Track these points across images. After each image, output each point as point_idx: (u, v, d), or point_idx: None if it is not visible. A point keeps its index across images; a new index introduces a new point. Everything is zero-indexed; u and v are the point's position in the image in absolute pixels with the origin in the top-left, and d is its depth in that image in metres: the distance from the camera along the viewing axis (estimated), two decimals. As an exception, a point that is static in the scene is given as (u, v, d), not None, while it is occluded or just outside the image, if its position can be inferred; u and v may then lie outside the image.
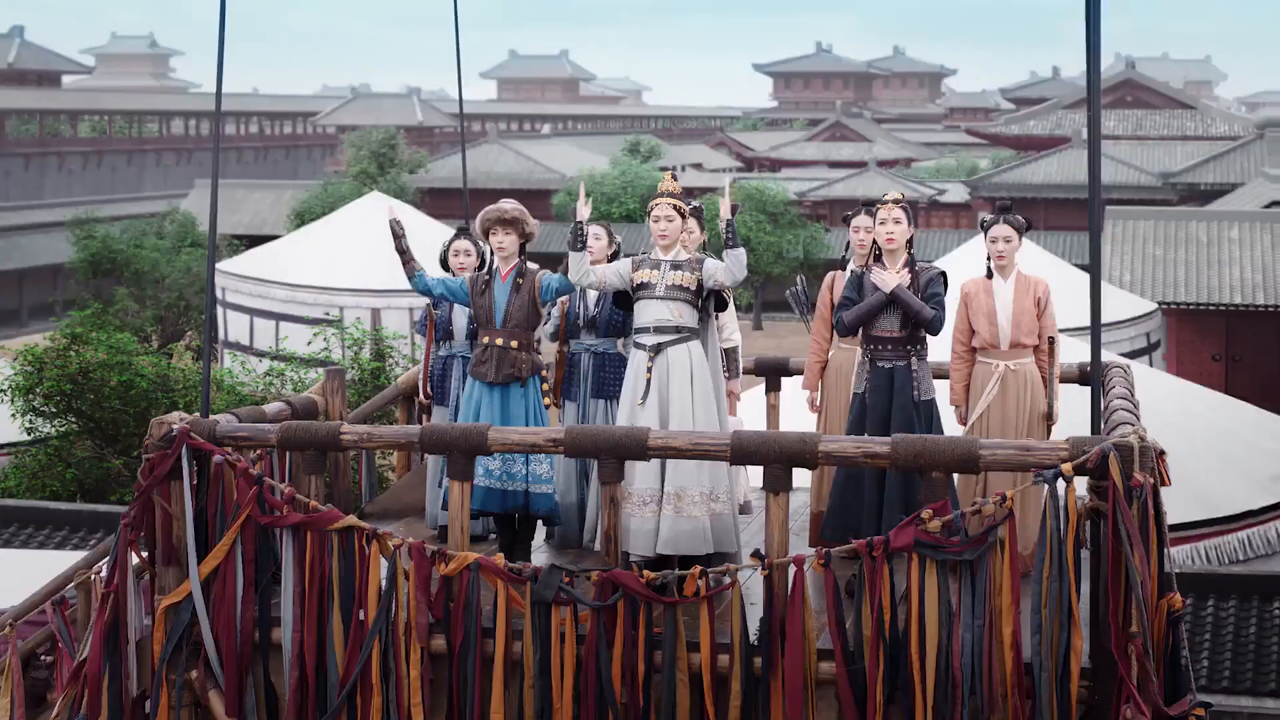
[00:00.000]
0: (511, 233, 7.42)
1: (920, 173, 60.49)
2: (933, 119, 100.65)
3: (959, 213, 50.08)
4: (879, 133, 73.54)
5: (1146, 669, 5.46)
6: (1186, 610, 13.00)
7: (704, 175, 58.32)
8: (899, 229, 7.10)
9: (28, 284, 49.49)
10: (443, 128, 74.93)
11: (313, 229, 38.62)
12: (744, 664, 5.82)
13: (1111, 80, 59.48)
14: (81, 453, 17.78)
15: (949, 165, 63.20)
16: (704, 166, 64.58)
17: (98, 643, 6.35)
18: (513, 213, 7.36)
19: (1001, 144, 61.00)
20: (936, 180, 56.08)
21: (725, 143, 76.23)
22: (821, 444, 5.86)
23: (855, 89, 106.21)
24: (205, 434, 6.42)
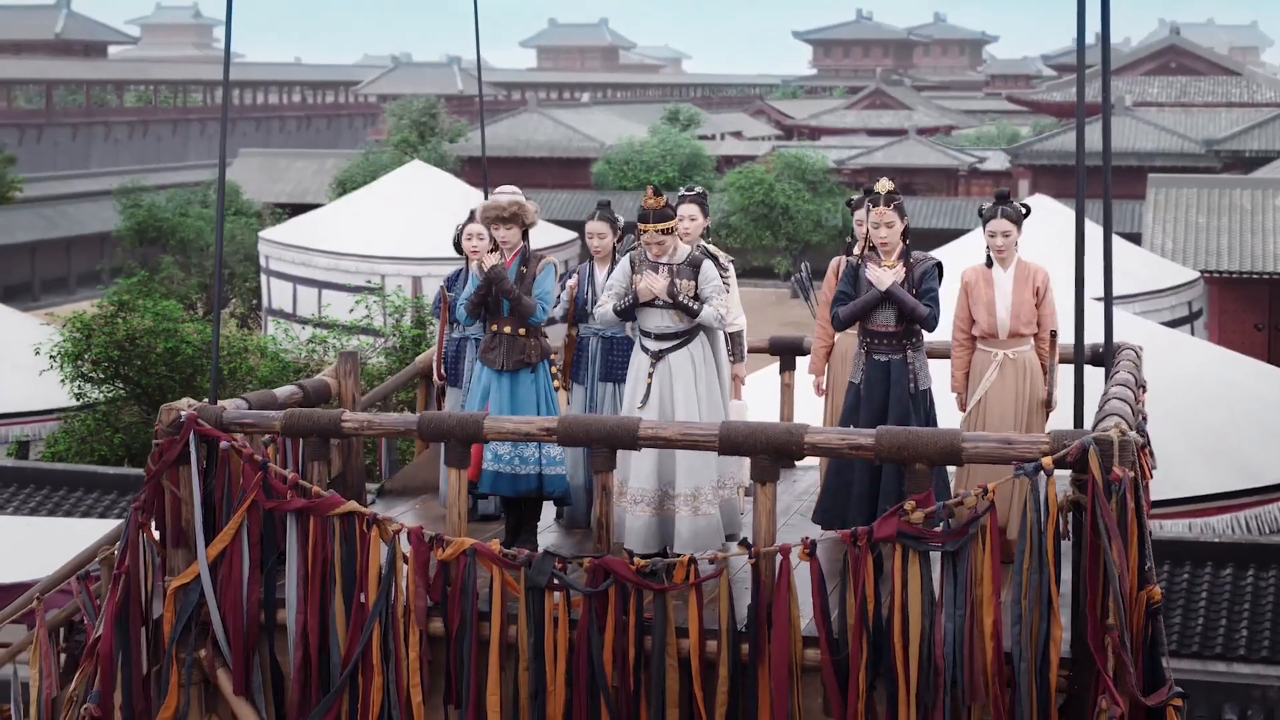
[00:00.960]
0: (512, 226, 7.50)
1: (960, 140, 60.05)
2: (973, 86, 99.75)
3: (999, 181, 49.72)
4: (919, 100, 73.00)
5: (1123, 660, 5.54)
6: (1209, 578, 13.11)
7: (743, 143, 58.22)
8: (891, 231, 7.10)
9: (75, 252, 50.18)
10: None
11: (354, 198, 38.97)
12: (731, 650, 5.96)
13: (1155, 46, 58.76)
14: (129, 418, 18.19)
15: (989, 133, 62.71)
16: (743, 134, 64.43)
17: (109, 622, 6.58)
18: (510, 209, 7.42)
19: (1043, 111, 60.41)
20: (977, 148, 55.69)
21: (764, 110, 75.90)
22: (808, 435, 5.97)
23: (895, 56, 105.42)
24: (212, 420, 6.60)
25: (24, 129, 66.08)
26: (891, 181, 7.29)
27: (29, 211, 49.53)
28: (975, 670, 5.70)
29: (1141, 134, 46.82)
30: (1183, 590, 13.01)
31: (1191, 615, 12.74)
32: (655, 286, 6.91)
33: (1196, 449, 16.59)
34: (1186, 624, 12.67)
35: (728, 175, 46.64)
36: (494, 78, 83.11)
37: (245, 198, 44.08)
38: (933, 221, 45.70)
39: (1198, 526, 16.03)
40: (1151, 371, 17.72)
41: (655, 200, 7.06)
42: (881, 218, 7.11)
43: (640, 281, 6.96)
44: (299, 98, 76.42)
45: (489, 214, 7.51)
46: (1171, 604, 12.89)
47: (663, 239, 7.01)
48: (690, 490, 6.77)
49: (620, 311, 7.09)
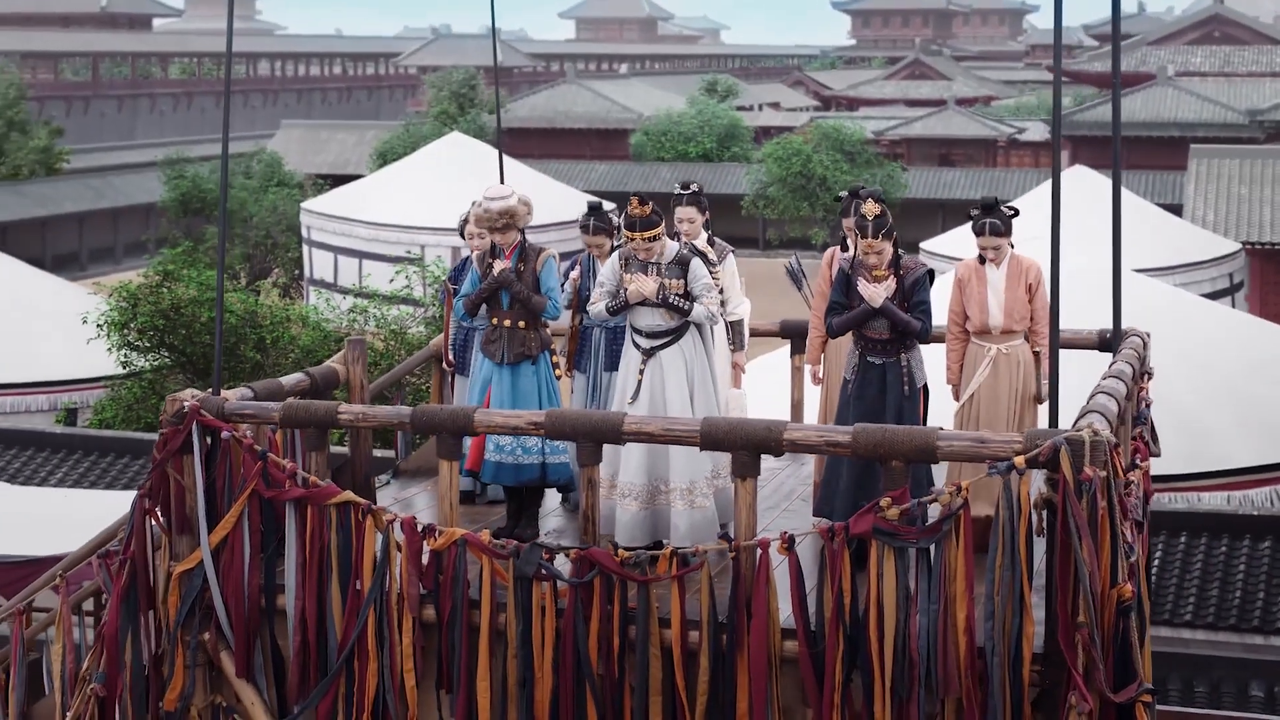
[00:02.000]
0: (510, 229, 7.59)
1: (1000, 111, 59.60)
2: (1013, 56, 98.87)
3: (1039, 151, 49.37)
4: (958, 70, 72.40)
5: (1094, 657, 5.62)
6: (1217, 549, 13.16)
7: (781, 114, 58.04)
8: (881, 257, 7.08)
9: (121, 222, 50.83)
10: (521, 68, 75.23)
11: (395, 169, 39.27)
12: (712, 641, 6.09)
13: (1199, 16, 57.99)
14: (174, 386, 18.47)
15: (1029, 103, 62.18)
16: (781, 105, 64.22)
17: (115, 606, 6.82)
18: (502, 219, 7.48)
19: (1084, 81, 59.78)
20: (1016, 119, 55.25)
21: (803, 81, 75.61)
22: (787, 432, 6.10)
23: (935, 26, 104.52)
24: (214, 411, 6.79)
25: (71, 101, 66.86)
26: (879, 204, 7.10)
27: (76, 182, 50.17)
28: (949, 664, 5.80)
29: (1184, 104, 46.27)
30: (1220, 564, 13.05)
31: (1229, 589, 12.77)
32: (645, 289, 7.01)
33: (1236, 421, 16.54)
34: (1224, 598, 12.71)
35: (765, 146, 46.54)
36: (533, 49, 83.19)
37: (287, 169, 44.45)
38: (971, 192, 45.42)
39: (1237, 499, 16.00)
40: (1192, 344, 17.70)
41: (641, 209, 7.12)
42: (871, 248, 7.03)
43: (630, 283, 7.06)
44: (340, 69, 76.84)
45: (483, 224, 7.60)
46: (1209, 578, 12.94)
47: (650, 245, 7.10)
48: (685, 484, 6.90)
49: (612, 311, 7.21)
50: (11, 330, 23.60)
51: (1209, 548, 13.33)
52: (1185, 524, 13.69)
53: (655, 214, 7.20)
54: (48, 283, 26.87)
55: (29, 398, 22.76)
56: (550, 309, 7.59)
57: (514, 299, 7.55)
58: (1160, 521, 13.62)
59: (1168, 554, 13.36)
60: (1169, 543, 13.46)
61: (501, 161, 10.06)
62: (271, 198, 39.02)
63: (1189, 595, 12.93)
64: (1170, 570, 13.22)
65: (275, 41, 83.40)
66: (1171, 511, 14.05)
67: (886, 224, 7.05)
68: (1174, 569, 13.22)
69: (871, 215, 7.02)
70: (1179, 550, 13.42)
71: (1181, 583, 13.08)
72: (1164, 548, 13.40)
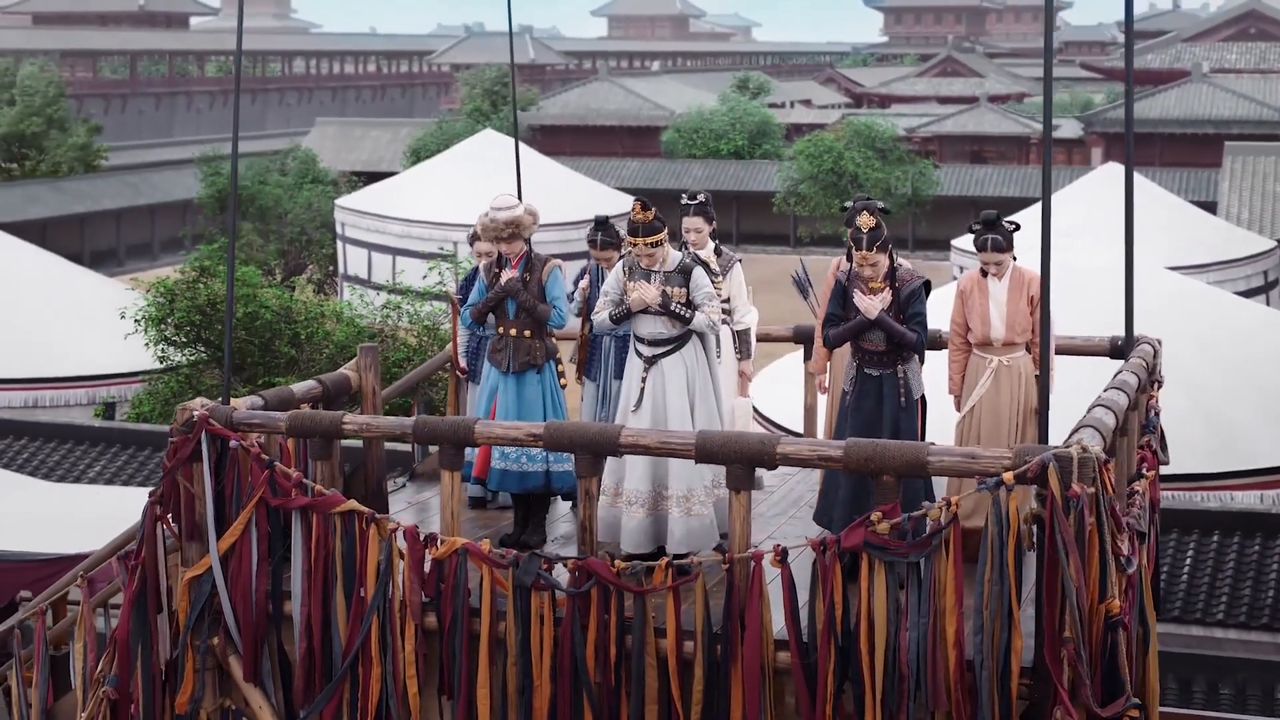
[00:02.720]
0: (516, 239, 7.71)
1: (1033, 108, 59.26)
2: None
3: (1071, 149, 49.09)
4: (991, 67, 72.12)
5: (1080, 673, 5.67)
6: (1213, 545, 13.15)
7: (812, 111, 57.97)
8: (876, 269, 7.12)
9: (159, 219, 51.36)
10: (554, 65, 75.45)
11: (428, 166, 39.58)
12: (706, 651, 6.17)
13: (1234, 12, 57.47)
14: (209, 380, 18.73)
15: (1063, 100, 61.80)
16: (813, 103, 64.14)
17: (126, 610, 6.98)
18: (508, 229, 7.60)
19: (1117, 78, 59.45)
20: (1049, 116, 54.89)
21: (834, 79, 75.47)
22: (779, 446, 6.19)
23: (967, 23, 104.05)
24: (223, 420, 6.94)
25: (109, 99, 67.54)
26: (873, 215, 7.10)
27: (114, 179, 50.73)
28: (938, 677, 5.85)
29: (1218, 101, 45.92)
30: (1252, 563, 13.03)
31: (1262, 588, 12.76)
32: (647, 296, 7.10)
33: (1270, 420, 16.51)
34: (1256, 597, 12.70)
35: (797, 143, 46.50)
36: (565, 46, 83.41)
37: (322, 166, 44.81)
38: (1003, 190, 45.27)
39: (1270, 498, 15.95)
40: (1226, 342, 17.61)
41: (644, 215, 7.20)
42: (866, 260, 7.07)
43: (633, 292, 7.15)
44: (374, 67, 77.34)
45: (489, 234, 7.71)
46: (1241, 577, 12.92)
47: (653, 251, 7.18)
48: (683, 492, 6.98)
49: (615, 319, 7.29)
50: (51, 325, 23.99)
51: (1242, 547, 13.32)
52: (1218, 523, 13.68)
53: (658, 220, 7.28)
54: (87, 278, 27.23)
55: (68, 392, 23.08)
56: (555, 318, 7.71)
57: (520, 308, 7.66)
58: (1192, 520, 13.63)
59: (1199, 553, 13.36)
60: (1200, 542, 13.45)
61: (518, 160, 10.15)
62: (306, 195, 39.36)
63: (1221, 594, 12.91)
64: (1202, 569, 13.22)
65: (310, 40, 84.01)
66: (1204, 510, 14.05)
67: (881, 236, 7.07)
68: (1206, 568, 13.22)
69: (866, 228, 7.03)
70: (1211, 549, 13.41)
71: (1214, 582, 13.07)
72: (1195, 547, 13.40)
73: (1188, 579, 13.04)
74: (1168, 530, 13.48)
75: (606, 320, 7.33)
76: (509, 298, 7.68)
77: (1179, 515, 13.90)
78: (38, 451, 16.48)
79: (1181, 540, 13.58)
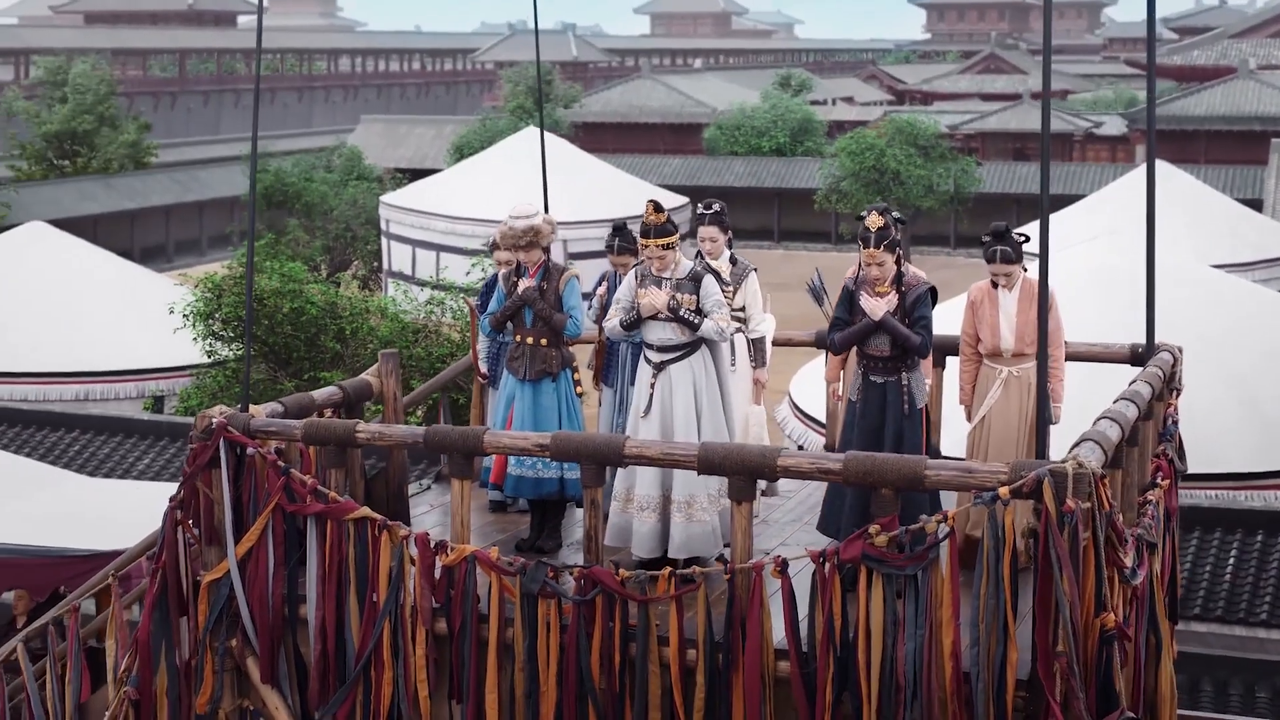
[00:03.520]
0: (533, 249, 7.85)
1: (1076, 104, 58.87)
2: (1090, 50, 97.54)
3: (1115, 146, 48.70)
4: (1034, 64, 71.61)
5: (1073, 686, 5.70)
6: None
7: (854, 108, 57.85)
8: (883, 269, 7.20)
9: (207, 215, 51.98)
10: (596, 63, 75.68)
11: (471, 163, 39.88)
12: (708, 659, 6.27)
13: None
14: (257, 375, 18.93)
15: (1106, 97, 61.29)
16: (855, 100, 63.97)
17: (148, 612, 7.16)
18: (526, 237, 7.74)
19: (1163, 75, 58.75)
20: (1093, 113, 54.56)
21: (877, 76, 75.24)
22: (780, 458, 6.29)
23: (1010, 20, 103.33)
24: (240, 428, 7.10)
25: (159, 97, 68.36)
26: (883, 215, 7.23)
27: (163, 176, 51.40)
28: (934, 688, 5.91)
29: (1265, 98, 45.38)
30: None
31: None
32: (657, 301, 7.19)
33: (1315, 420, 16.48)
34: None
35: (839, 140, 46.46)
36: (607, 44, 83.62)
37: (367, 163, 45.19)
38: (1046, 188, 44.92)
39: (1314, 498, 15.86)
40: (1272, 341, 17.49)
41: (656, 216, 7.30)
42: (873, 259, 7.15)
43: (644, 297, 7.27)
44: (418, 65, 77.90)
45: (508, 241, 7.86)
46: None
47: (664, 254, 7.27)
48: (685, 498, 7.06)
49: (626, 325, 7.39)
50: (102, 320, 24.43)
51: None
52: (1265, 522, 13.63)
53: (670, 223, 7.38)
54: (136, 274, 27.66)
55: (118, 385, 23.51)
56: (571, 327, 7.83)
57: (537, 317, 7.79)
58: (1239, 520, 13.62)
59: (1243, 552, 13.35)
60: (1244, 541, 13.44)
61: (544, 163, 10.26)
62: (351, 191, 39.74)
63: (1265, 594, 12.87)
64: (1246, 568, 13.20)
65: (355, 38, 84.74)
66: (1250, 510, 14.02)
67: (889, 236, 7.16)
68: (1250, 567, 13.20)
69: (874, 227, 7.14)
70: (1255, 548, 13.38)
71: (1258, 581, 13.04)
72: (1239, 546, 13.39)
73: (1230, 579, 13.02)
74: (1210, 530, 13.50)
75: (617, 326, 7.43)
76: (526, 306, 7.82)
77: (1223, 515, 13.90)
78: (88, 444, 16.82)
79: (1225, 540, 13.56)
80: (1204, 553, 13.49)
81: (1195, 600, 13.00)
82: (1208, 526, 13.67)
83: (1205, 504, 14.36)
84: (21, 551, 10.59)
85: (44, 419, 17.56)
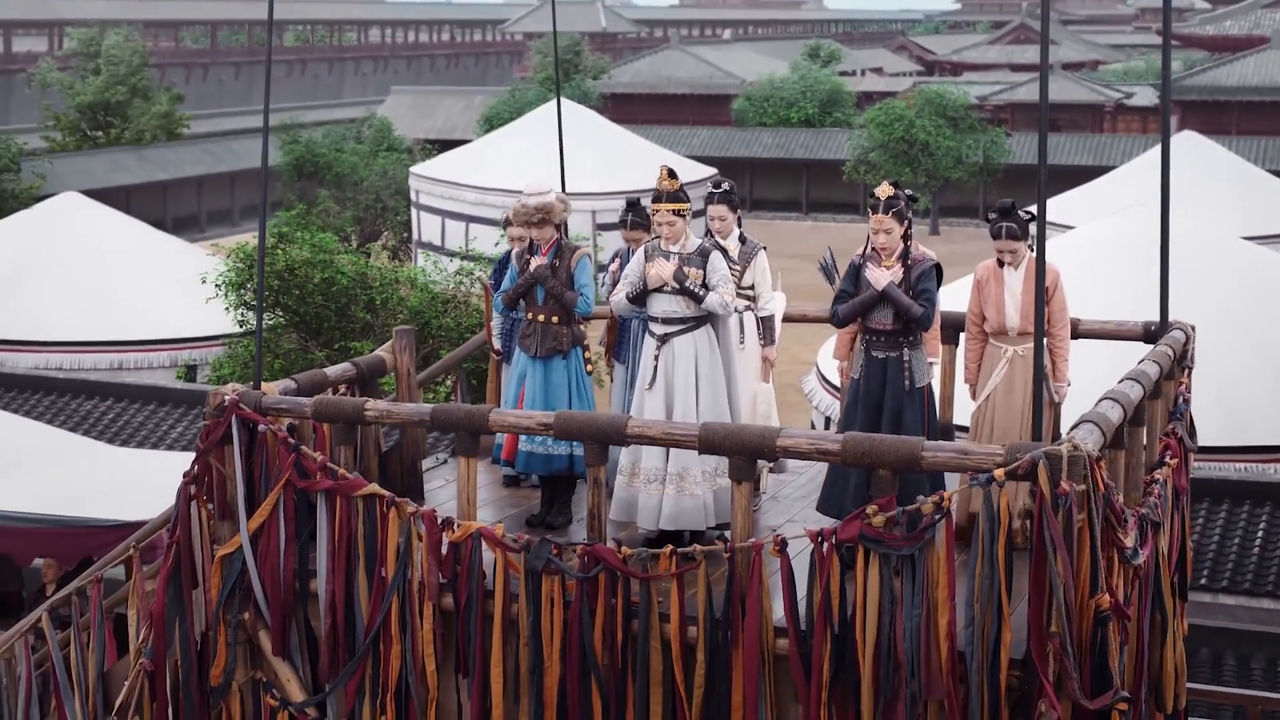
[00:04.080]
0: (546, 226, 7.93)
1: (1107, 75, 58.32)
2: (1122, 20, 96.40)
3: (1147, 117, 48.24)
4: (1065, 35, 70.91)
5: (1066, 667, 5.75)
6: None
7: (884, 79, 57.55)
8: (890, 238, 7.27)
9: (239, 186, 52.23)
10: (625, 34, 75.49)
11: (500, 134, 39.94)
12: (708, 636, 6.35)
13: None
14: (288, 344, 19.13)
15: (1138, 68, 60.72)
16: (884, 70, 63.65)
17: (162, 586, 7.32)
18: (539, 214, 7.83)
19: (1194, 45, 58.19)
20: (1124, 83, 54.03)
21: (906, 46, 74.74)
22: (779, 439, 6.36)
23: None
24: (252, 405, 7.21)
25: (191, 68, 68.64)
26: (894, 187, 7.38)
27: (195, 147, 51.64)
28: (931, 667, 5.97)
29: (1301, 68, 44.87)
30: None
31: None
32: (664, 272, 7.27)
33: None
34: None
35: (868, 111, 46.23)
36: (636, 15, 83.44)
37: (397, 134, 45.32)
38: (1076, 159, 44.66)
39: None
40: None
41: (670, 182, 7.41)
42: (880, 224, 7.27)
43: (651, 268, 7.34)
44: (448, 36, 77.85)
45: (520, 218, 7.95)
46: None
47: (674, 220, 7.35)
48: (678, 470, 7.13)
49: (631, 298, 7.46)
50: (136, 290, 24.73)
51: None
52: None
53: (683, 192, 7.47)
54: (169, 244, 27.93)
55: (151, 354, 23.81)
56: (581, 305, 7.92)
57: (548, 295, 7.88)
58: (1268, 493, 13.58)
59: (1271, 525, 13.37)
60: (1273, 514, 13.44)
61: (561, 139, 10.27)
62: (381, 162, 39.89)
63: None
64: (1275, 542, 13.21)
65: (386, 9, 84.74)
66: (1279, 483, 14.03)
67: (897, 205, 7.28)
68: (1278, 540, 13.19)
69: (883, 195, 7.30)
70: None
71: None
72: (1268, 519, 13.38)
73: (1259, 553, 13.01)
74: (1239, 502, 13.50)
75: (623, 300, 7.50)
76: (538, 284, 7.91)
77: (1253, 488, 13.88)
78: (123, 413, 17.03)
79: (1254, 513, 13.56)
80: (1232, 525, 13.50)
81: (1223, 573, 13.02)
82: (1237, 499, 13.67)
83: (1234, 477, 14.37)
84: (50, 521, 10.74)
85: (79, 387, 17.79)
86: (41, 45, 67.90)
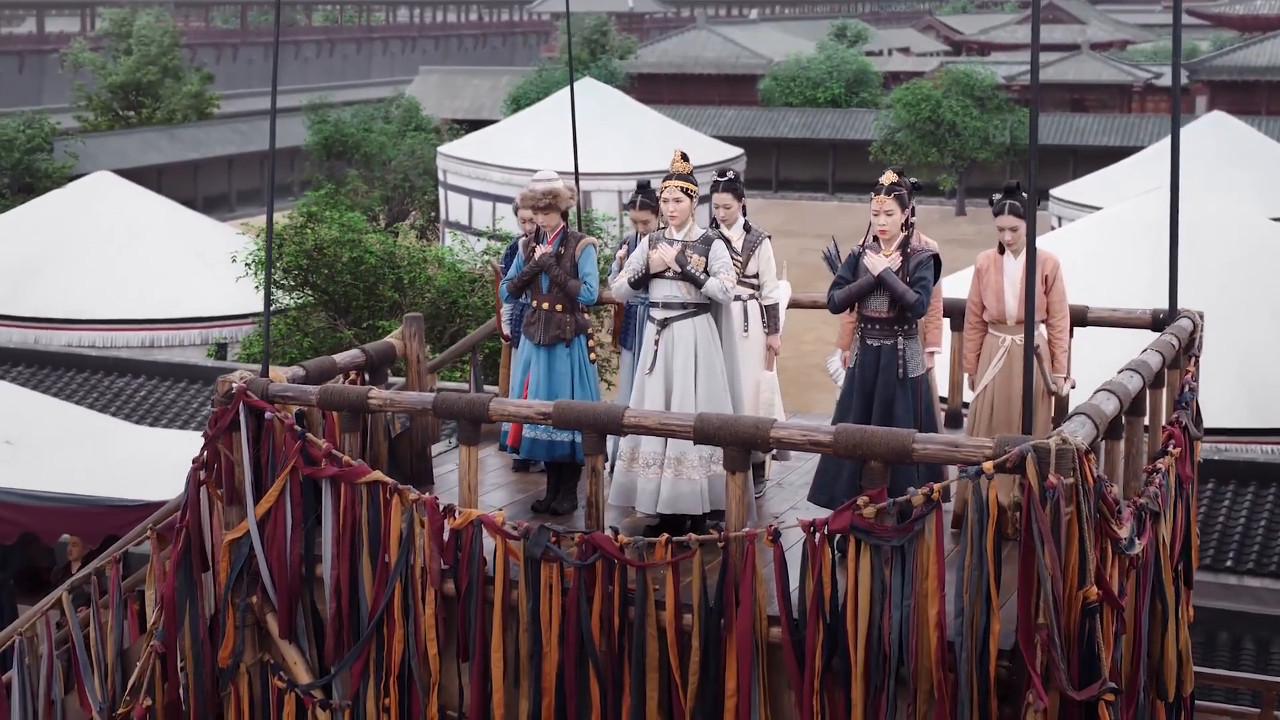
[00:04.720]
0: (552, 213, 8.03)
1: (1135, 55, 57.84)
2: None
3: (1177, 98, 47.72)
4: (1093, 14, 70.32)
5: (1053, 657, 5.81)
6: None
7: (910, 59, 57.25)
8: (890, 220, 7.32)
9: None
10: (652, 14, 75.29)
11: (527, 114, 39.97)
12: (703, 623, 6.44)
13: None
14: (316, 323, 19.31)
15: (1167, 48, 60.12)
16: (911, 50, 63.27)
17: (172, 570, 7.47)
18: (545, 199, 7.93)
19: (1224, 25, 57.58)
20: (1153, 63, 53.57)
21: (933, 26, 74.21)
22: (773, 430, 6.44)
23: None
24: (259, 393, 7.33)
25: (221, 48, 68.91)
26: (897, 174, 7.43)
27: (225, 127, 51.88)
28: (920, 656, 6.05)
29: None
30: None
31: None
32: (666, 255, 7.35)
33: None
34: None
35: (895, 91, 46.06)
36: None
37: (425, 114, 45.42)
38: (1104, 139, 44.36)
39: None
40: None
41: (682, 165, 7.55)
42: (881, 205, 7.32)
43: (655, 253, 7.44)
44: (475, 16, 77.87)
45: (527, 203, 8.06)
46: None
47: (681, 197, 7.44)
48: (675, 455, 7.20)
49: (633, 283, 7.55)
50: (167, 269, 24.99)
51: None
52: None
53: (693, 175, 7.59)
54: (200, 223, 28.15)
55: (183, 332, 24.13)
56: (585, 294, 8.01)
57: (553, 283, 7.98)
58: None
59: None
60: None
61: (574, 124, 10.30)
62: (409, 142, 40.01)
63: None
64: None
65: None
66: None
67: (899, 190, 7.35)
68: None
69: (887, 181, 7.39)
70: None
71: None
72: None
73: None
74: (1266, 485, 13.48)
75: (625, 285, 7.58)
76: (543, 272, 8.01)
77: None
78: (154, 390, 17.24)
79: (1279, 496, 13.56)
80: (1259, 508, 13.48)
81: (1249, 556, 13.02)
82: (1263, 481, 13.64)
83: (1261, 459, 14.33)
84: (74, 500, 10.90)
85: (110, 365, 18.00)
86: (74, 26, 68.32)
